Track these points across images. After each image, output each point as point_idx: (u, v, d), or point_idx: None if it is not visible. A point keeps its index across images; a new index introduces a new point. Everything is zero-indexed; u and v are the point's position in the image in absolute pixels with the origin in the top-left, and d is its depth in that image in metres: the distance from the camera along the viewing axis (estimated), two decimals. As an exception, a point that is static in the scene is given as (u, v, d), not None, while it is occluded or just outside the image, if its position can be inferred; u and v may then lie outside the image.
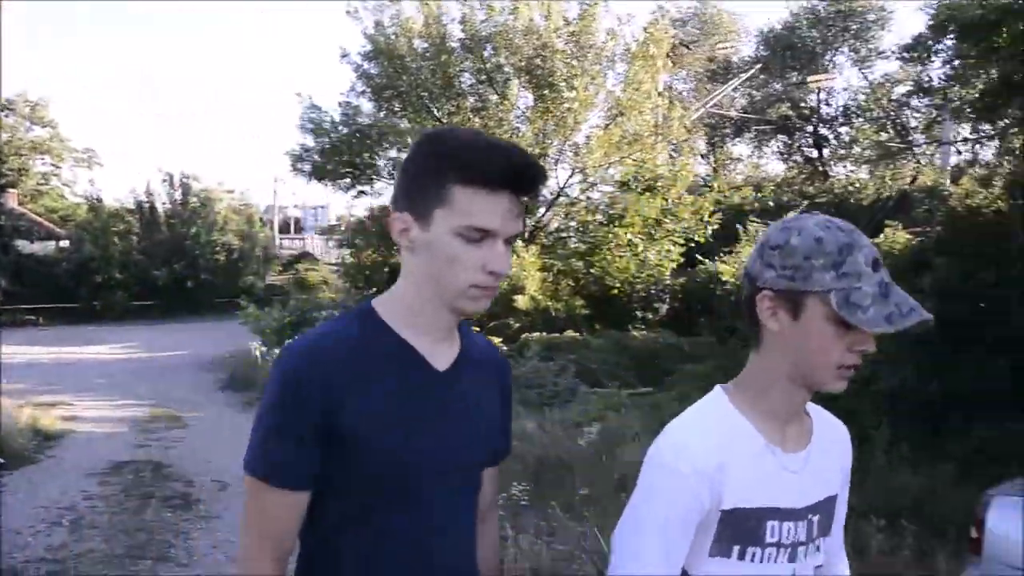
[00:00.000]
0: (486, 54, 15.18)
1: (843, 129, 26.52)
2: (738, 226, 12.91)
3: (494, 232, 1.30)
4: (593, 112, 14.53)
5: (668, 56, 16.50)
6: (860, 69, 25.78)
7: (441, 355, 1.40)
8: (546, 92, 14.41)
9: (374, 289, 16.48)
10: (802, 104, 26.45)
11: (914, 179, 22.44)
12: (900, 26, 28.08)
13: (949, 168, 19.26)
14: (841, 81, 26.08)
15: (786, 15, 25.89)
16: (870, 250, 1.27)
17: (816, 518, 1.39)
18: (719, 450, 1.31)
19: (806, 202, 17.21)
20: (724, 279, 11.85)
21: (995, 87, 8.08)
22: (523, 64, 14.67)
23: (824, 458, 1.42)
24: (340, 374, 1.30)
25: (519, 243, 13.97)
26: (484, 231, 1.29)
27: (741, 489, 1.31)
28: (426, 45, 15.55)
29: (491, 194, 1.28)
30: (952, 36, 9.03)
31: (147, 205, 26.09)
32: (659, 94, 15.49)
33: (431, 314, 1.37)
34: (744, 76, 24.58)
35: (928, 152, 23.16)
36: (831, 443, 1.45)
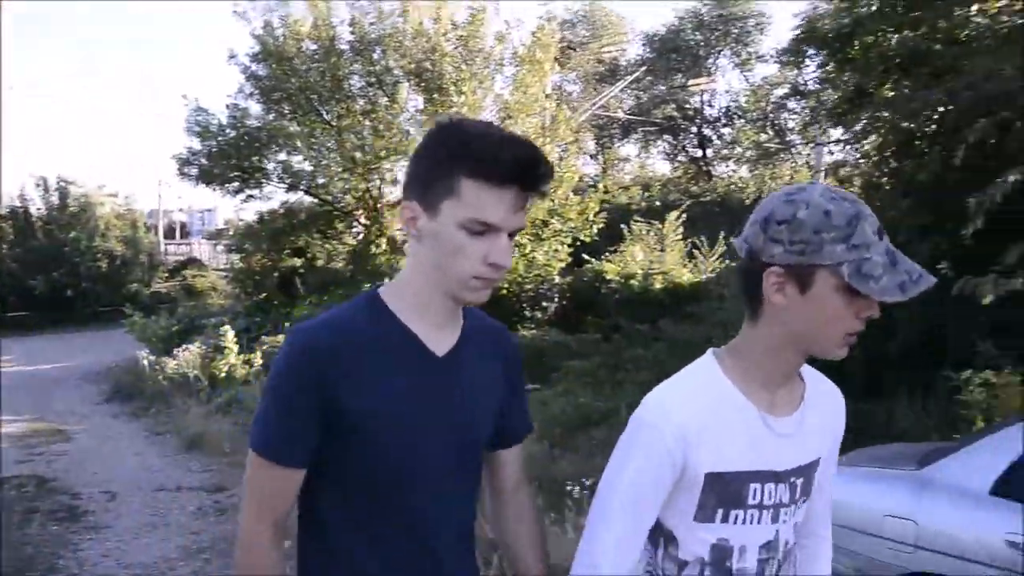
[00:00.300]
0: (375, 56, 15.22)
1: (725, 130, 27.49)
2: (622, 226, 13.37)
3: (498, 226, 1.32)
4: (482, 115, 14.75)
5: (556, 60, 16.90)
6: (741, 72, 26.91)
7: (442, 340, 1.42)
8: (435, 95, 14.57)
9: (264, 294, 16.29)
10: (686, 105, 27.30)
11: (792, 178, 23.62)
12: (778, 31, 29.46)
13: (823, 168, 20.36)
14: (723, 83, 27.12)
15: (672, 18, 26.79)
16: (873, 218, 1.27)
17: (800, 481, 1.40)
18: (703, 412, 1.32)
19: (690, 200, 17.93)
20: (609, 278, 12.27)
21: (849, 94, 8.71)
22: (412, 67, 14.79)
23: (814, 422, 1.41)
24: (342, 357, 1.34)
25: (407, 245, 14.06)
26: (488, 225, 1.31)
27: (725, 453, 1.32)
28: (315, 47, 15.47)
29: (498, 189, 1.30)
30: (813, 47, 9.66)
31: (20, 210, 24.95)
32: (547, 96, 15.86)
33: (435, 301, 1.40)
34: (630, 78, 25.29)
35: (804, 153, 24.38)
36: (824, 407, 1.45)
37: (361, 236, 16.56)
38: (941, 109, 7.33)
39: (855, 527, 3.67)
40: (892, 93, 8.16)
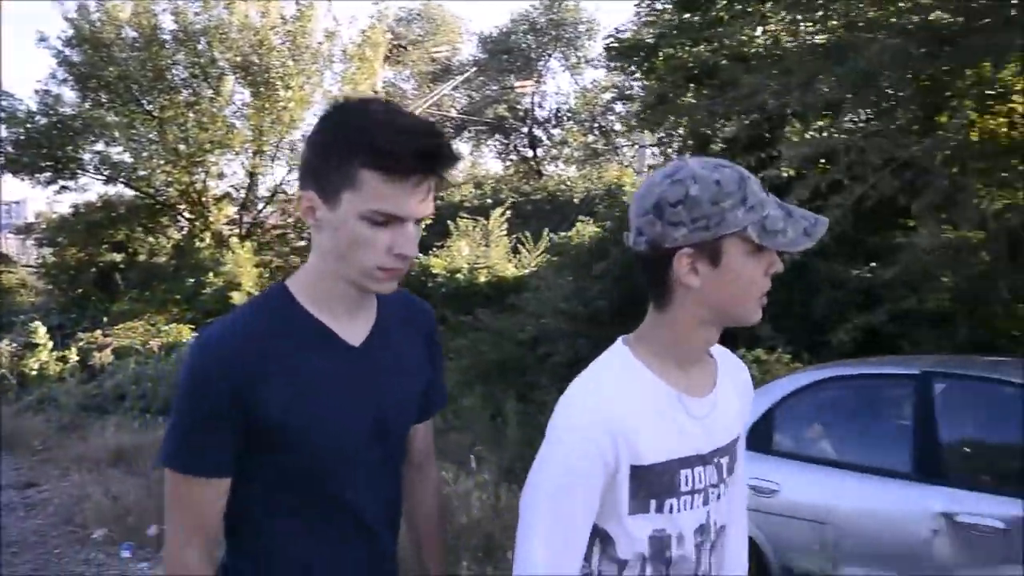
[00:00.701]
0: (200, 48, 14.92)
1: (555, 130, 28.46)
2: (449, 222, 13.75)
3: (402, 217, 1.27)
4: (310, 110, 14.79)
5: (386, 59, 17.11)
6: (571, 75, 27.97)
7: (356, 329, 1.38)
8: (262, 89, 14.49)
9: (80, 290, 15.60)
10: (518, 106, 28.05)
11: (619, 178, 24.81)
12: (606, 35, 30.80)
13: (646, 169, 21.56)
14: (553, 85, 28.09)
15: (505, 20, 27.51)
16: (754, 177, 1.27)
17: (725, 460, 1.37)
18: (623, 403, 1.27)
19: (521, 198, 18.54)
20: (436, 272, 12.61)
21: (652, 101, 9.44)
22: (239, 60, 14.63)
23: (729, 401, 1.40)
24: (251, 358, 1.28)
25: (234, 240, 13.89)
26: (392, 216, 1.26)
27: (651, 443, 1.27)
28: (136, 35, 14.99)
29: (401, 179, 1.25)
30: (620, 56, 10.37)
31: None
32: (375, 93, 16.06)
33: (342, 291, 1.35)
34: (461, 77, 25.78)
35: (629, 154, 25.65)
36: (735, 385, 1.44)
37: (185, 230, 16.16)
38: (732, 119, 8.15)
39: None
40: (692, 102, 8.95)
